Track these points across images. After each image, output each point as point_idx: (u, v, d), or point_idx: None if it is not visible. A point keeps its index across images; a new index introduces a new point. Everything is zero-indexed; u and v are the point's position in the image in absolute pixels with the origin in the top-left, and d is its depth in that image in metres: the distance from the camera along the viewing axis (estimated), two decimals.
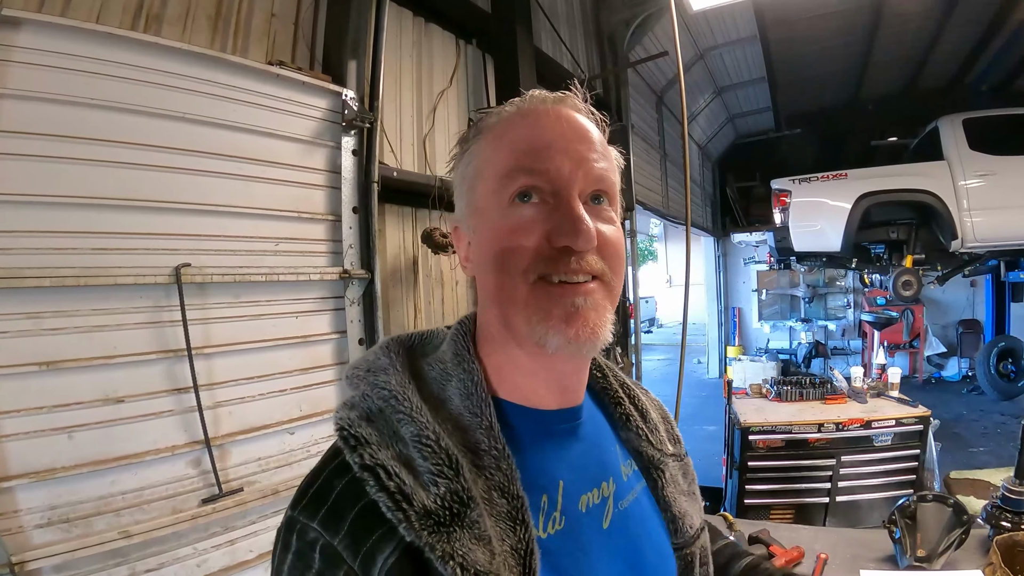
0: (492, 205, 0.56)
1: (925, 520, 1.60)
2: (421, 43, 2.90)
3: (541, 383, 0.59)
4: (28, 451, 1.37)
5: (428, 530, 0.45)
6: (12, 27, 1.34)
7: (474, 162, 0.59)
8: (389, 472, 0.47)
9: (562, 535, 0.55)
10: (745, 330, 10.15)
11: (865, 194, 5.02)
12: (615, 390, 0.72)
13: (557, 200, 0.54)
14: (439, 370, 0.59)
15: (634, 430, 0.70)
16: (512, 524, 0.50)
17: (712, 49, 6.13)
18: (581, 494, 0.59)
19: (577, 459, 0.61)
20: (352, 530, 0.47)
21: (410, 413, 0.52)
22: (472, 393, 0.56)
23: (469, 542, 0.47)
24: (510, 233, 0.54)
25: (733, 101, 8.10)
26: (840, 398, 3.60)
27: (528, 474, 0.54)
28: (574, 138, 0.56)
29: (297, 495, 0.52)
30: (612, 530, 0.60)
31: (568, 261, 0.53)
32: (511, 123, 0.58)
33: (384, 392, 0.54)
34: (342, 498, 0.49)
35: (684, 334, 3.46)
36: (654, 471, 0.70)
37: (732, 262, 10.39)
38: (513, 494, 0.51)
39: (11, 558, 1.30)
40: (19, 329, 1.38)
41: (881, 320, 5.66)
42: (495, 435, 0.54)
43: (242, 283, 1.81)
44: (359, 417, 0.53)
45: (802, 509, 3.28)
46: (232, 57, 1.79)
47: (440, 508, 0.47)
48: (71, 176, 1.45)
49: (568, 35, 4.35)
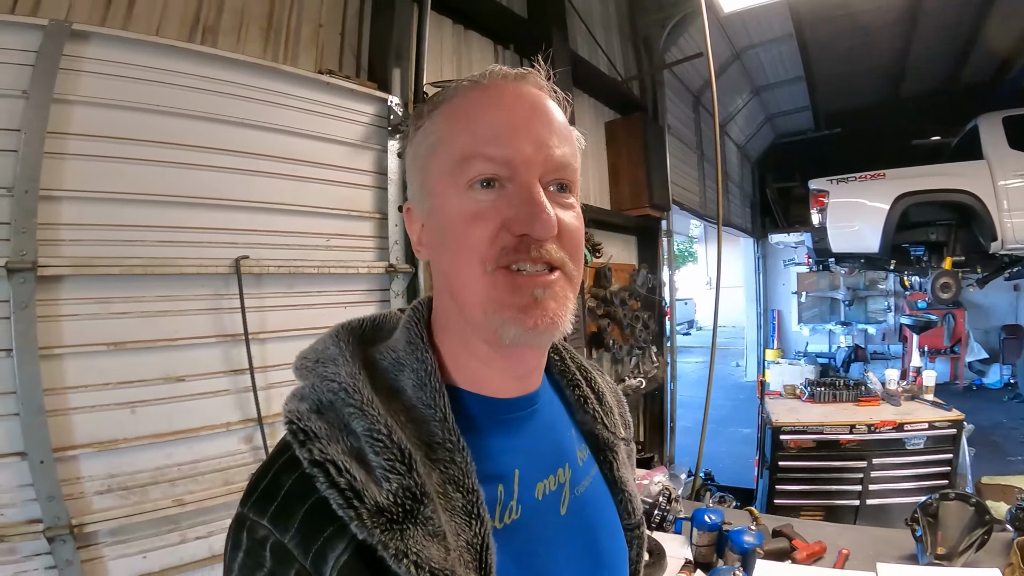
0: (448, 188, 0.53)
1: (947, 519, 1.61)
2: (460, 50, 3.01)
3: (498, 372, 0.58)
4: (93, 423, 1.51)
5: (380, 528, 0.44)
6: (82, 40, 1.49)
7: (429, 140, 0.56)
8: (339, 468, 0.45)
9: (519, 524, 0.55)
10: (784, 333, 9.93)
11: (903, 194, 4.89)
12: (572, 372, 0.71)
13: (517, 186, 0.52)
14: (391, 359, 0.57)
15: (591, 412, 0.69)
16: (467, 519, 0.49)
17: (748, 48, 6.04)
18: (537, 481, 0.58)
19: (533, 446, 0.60)
20: (302, 527, 0.46)
21: (360, 406, 0.49)
22: (425, 384, 0.54)
23: (423, 539, 0.46)
24: (468, 220, 0.52)
25: (771, 100, 7.93)
26: (873, 400, 3.56)
27: (484, 464, 0.53)
28: (536, 121, 0.54)
29: (247, 491, 0.50)
30: (569, 516, 0.60)
31: (528, 250, 0.51)
32: (469, 99, 0.55)
33: (333, 384, 0.52)
34: (292, 494, 0.47)
35: (715, 334, 3.49)
36: (608, 452, 0.70)
37: (772, 264, 10.16)
38: (468, 488, 0.50)
39: (71, 520, 1.43)
40: (89, 312, 1.52)
41: (920, 324, 5.47)
42: (449, 427, 0.52)
43: (296, 275, 1.95)
44: (308, 410, 0.50)
45: (832, 510, 3.27)
46: (285, 67, 1.93)
47: (392, 504, 0.45)
48: (138, 175, 1.59)
49: (604, 38, 4.40)
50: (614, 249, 4.49)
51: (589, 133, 4.20)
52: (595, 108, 4.37)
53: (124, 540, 1.55)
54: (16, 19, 1.42)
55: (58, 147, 1.47)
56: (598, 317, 3.94)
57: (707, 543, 1.84)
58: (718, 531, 1.84)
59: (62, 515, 1.42)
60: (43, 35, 1.42)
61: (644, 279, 4.53)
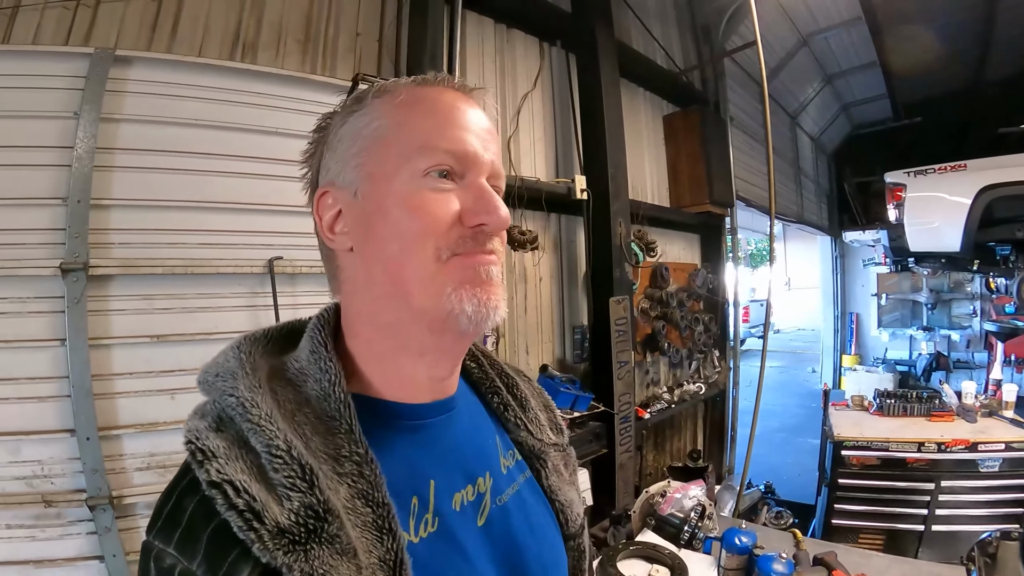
0: (401, 172, 0.53)
1: (1006, 560, 1.45)
2: (504, 49, 3.02)
3: (425, 367, 0.57)
4: (136, 407, 1.68)
5: (283, 549, 0.42)
6: (125, 64, 1.67)
7: (373, 124, 0.55)
8: (237, 488, 0.43)
9: (436, 537, 0.53)
10: (862, 338, 9.20)
11: (987, 187, 4.36)
12: (492, 379, 0.70)
13: (472, 182, 0.55)
14: (294, 369, 0.55)
15: (512, 420, 0.69)
16: (379, 534, 0.48)
17: (815, 34, 5.62)
18: (455, 491, 0.57)
19: (450, 455, 0.59)
20: (208, 553, 0.44)
21: (258, 422, 0.47)
22: (329, 394, 0.52)
23: (330, 558, 0.44)
24: (426, 207, 0.53)
25: (845, 89, 7.29)
26: (947, 415, 3.23)
27: (396, 476, 0.52)
28: (486, 132, 0.57)
29: (152, 517, 0.48)
30: (489, 527, 0.59)
31: (482, 242, 0.54)
32: (427, 95, 0.56)
33: (231, 400, 0.49)
34: (195, 518, 0.45)
35: (766, 335, 3.30)
36: (536, 461, 0.69)
37: (851, 264, 9.43)
38: (378, 501, 0.49)
39: (112, 492, 1.61)
40: (135, 308, 1.70)
41: (1006, 330, 4.87)
42: (355, 438, 0.51)
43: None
44: (207, 428, 0.48)
45: (894, 536, 3.01)
46: (317, 77, 2.03)
47: (294, 524, 0.44)
48: (180, 184, 1.75)
49: (660, 29, 4.27)
50: (675, 248, 4.37)
51: (645, 127, 4.12)
52: (651, 101, 4.25)
53: None
54: (66, 49, 1.62)
55: (106, 161, 1.65)
56: (652, 319, 3.82)
57: (736, 567, 1.74)
58: (748, 555, 1.74)
59: (103, 487, 1.60)
60: (90, 62, 1.60)
61: (704, 279, 4.35)
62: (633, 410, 3.13)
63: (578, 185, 3.02)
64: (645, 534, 2.00)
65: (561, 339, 3.21)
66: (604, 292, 3.07)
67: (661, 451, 4.15)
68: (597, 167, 3.11)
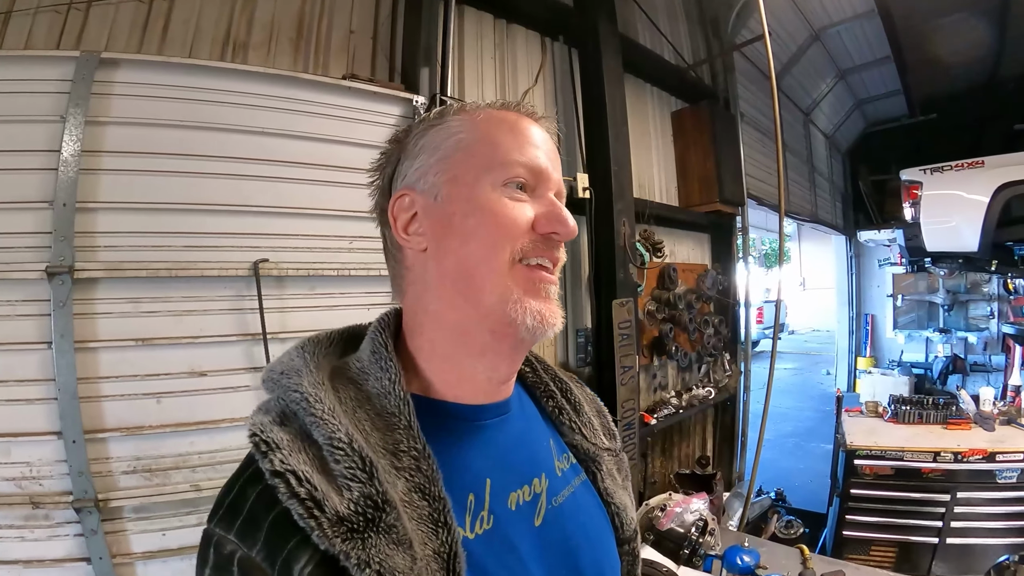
0: (481, 183, 0.58)
1: None
2: (504, 45, 2.96)
3: (484, 369, 0.59)
4: (122, 410, 1.66)
5: (341, 537, 0.44)
6: (111, 67, 1.64)
7: (456, 136, 0.60)
8: (300, 477, 0.46)
9: (490, 535, 0.55)
10: (878, 340, 9.01)
11: (1005, 184, 4.21)
12: (546, 383, 0.73)
13: (541, 195, 0.60)
14: (356, 368, 0.59)
15: (567, 424, 0.70)
16: (434, 527, 0.49)
17: (827, 28, 5.48)
18: (510, 491, 0.58)
19: (506, 455, 0.60)
20: (268, 540, 0.46)
21: (321, 415, 0.50)
22: (389, 392, 0.55)
23: (387, 547, 0.45)
24: (506, 212, 0.57)
25: (859, 85, 7.12)
26: (964, 423, 3.12)
27: (453, 473, 0.54)
28: (556, 157, 0.64)
29: (214, 507, 0.50)
30: (545, 528, 0.60)
31: (552, 249, 0.59)
32: (506, 117, 0.62)
33: (296, 395, 0.52)
34: (257, 507, 0.47)
35: (775, 337, 3.22)
36: (591, 464, 0.70)
37: (866, 264, 9.26)
38: (434, 495, 0.50)
39: (98, 495, 1.60)
40: (121, 311, 1.67)
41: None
42: (414, 434, 0.53)
43: (316, 277, 2.00)
44: (271, 421, 0.51)
45: (907, 548, 2.90)
46: (307, 75, 1.99)
47: (353, 513, 0.45)
48: (165, 186, 1.72)
49: (667, 23, 4.17)
50: (683, 248, 4.25)
51: (653, 125, 4.03)
52: (659, 97, 4.14)
53: (146, 517, 1.70)
54: (53, 53, 1.62)
55: (93, 164, 1.63)
56: (660, 322, 3.72)
57: None
58: (750, 575, 1.68)
59: (89, 489, 1.59)
60: (76, 65, 1.58)
61: (714, 280, 4.23)
62: (638, 416, 3.05)
63: (580, 184, 2.95)
64: (644, 550, 1.94)
65: (564, 342, 3.14)
66: (607, 294, 3.00)
67: (669, 457, 4.05)
68: (600, 165, 3.03)
